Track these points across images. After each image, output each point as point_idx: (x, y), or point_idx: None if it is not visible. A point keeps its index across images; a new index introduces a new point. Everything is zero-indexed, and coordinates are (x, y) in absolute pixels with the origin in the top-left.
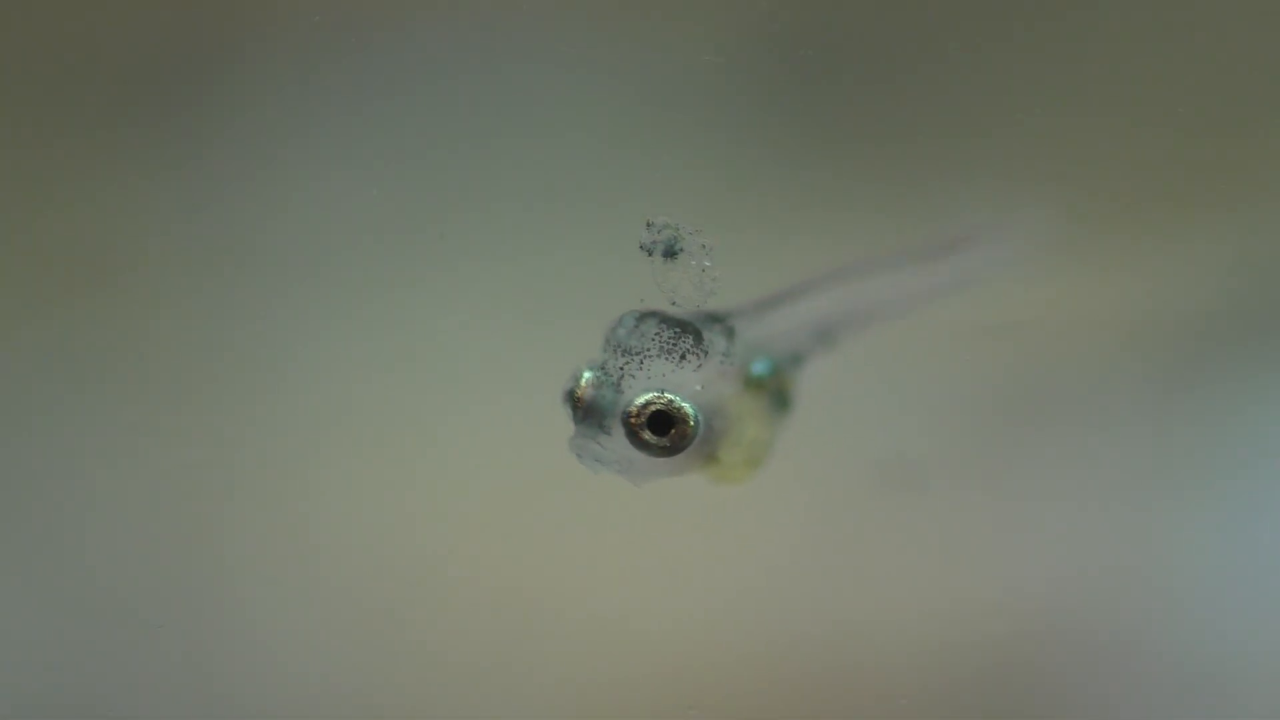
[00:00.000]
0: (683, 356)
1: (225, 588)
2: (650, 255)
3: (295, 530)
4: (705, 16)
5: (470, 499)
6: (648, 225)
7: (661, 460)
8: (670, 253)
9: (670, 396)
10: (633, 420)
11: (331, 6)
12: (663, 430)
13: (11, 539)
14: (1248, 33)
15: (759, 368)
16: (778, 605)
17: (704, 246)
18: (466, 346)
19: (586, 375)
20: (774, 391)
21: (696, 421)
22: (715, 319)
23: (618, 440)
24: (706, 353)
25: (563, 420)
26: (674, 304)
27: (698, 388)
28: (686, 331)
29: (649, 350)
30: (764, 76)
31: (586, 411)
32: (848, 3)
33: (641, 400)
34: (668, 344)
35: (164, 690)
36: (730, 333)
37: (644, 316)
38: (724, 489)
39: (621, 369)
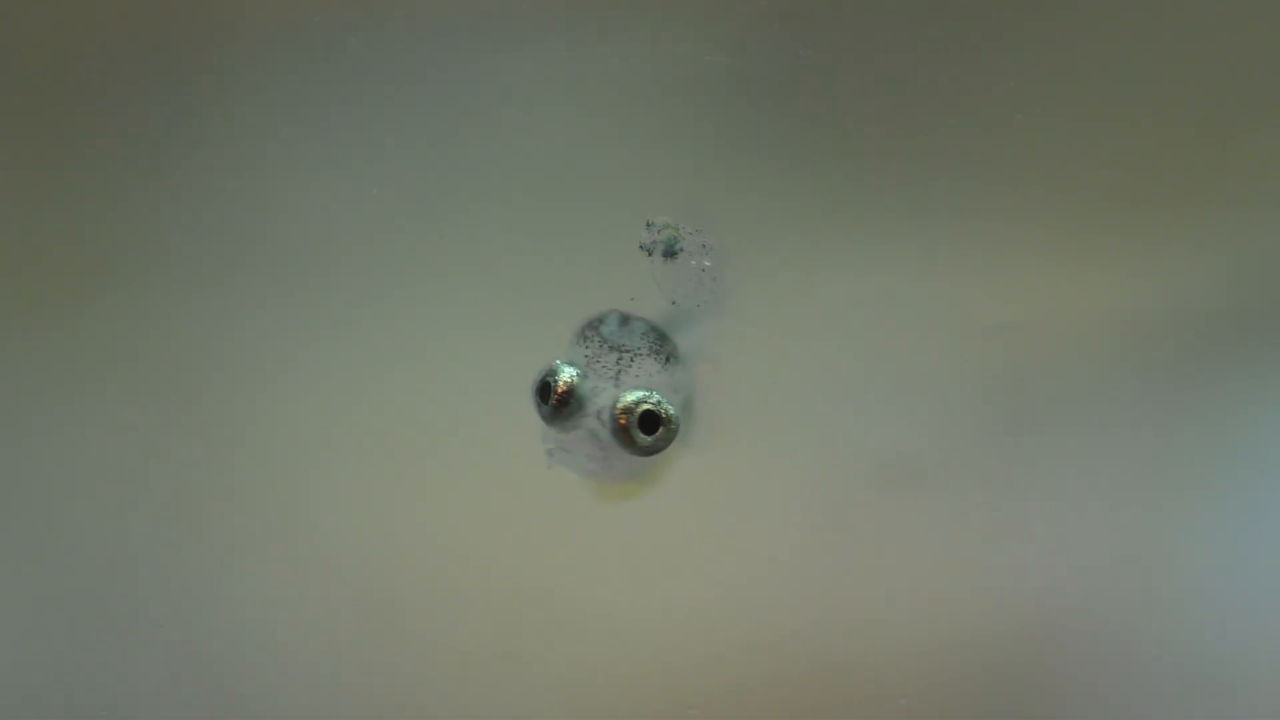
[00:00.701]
0: (668, 359)
1: (224, 588)
2: (650, 255)
3: (294, 530)
4: (705, 16)
5: (468, 498)
6: (648, 225)
7: (640, 461)
8: (670, 253)
9: (658, 397)
10: (623, 418)
11: (326, 2)
12: (651, 430)
13: (9, 539)
14: (1247, 32)
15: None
16: (777, 604)
17: (704, 246)
18: (466, 346)
19: (567, 370)
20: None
21: (677, 423)
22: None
23: (603, 436)
24: (680, 362)
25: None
26: (674, 304)
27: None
28: (667, 340)
29: (640, 349)
30: (764, 76)
31: (572, 405)
32: (848, 3)
33: (632, 398)
34: (655, 345)
35: (163, 691)
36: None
37: (626, 317)
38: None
39: (618, 363)
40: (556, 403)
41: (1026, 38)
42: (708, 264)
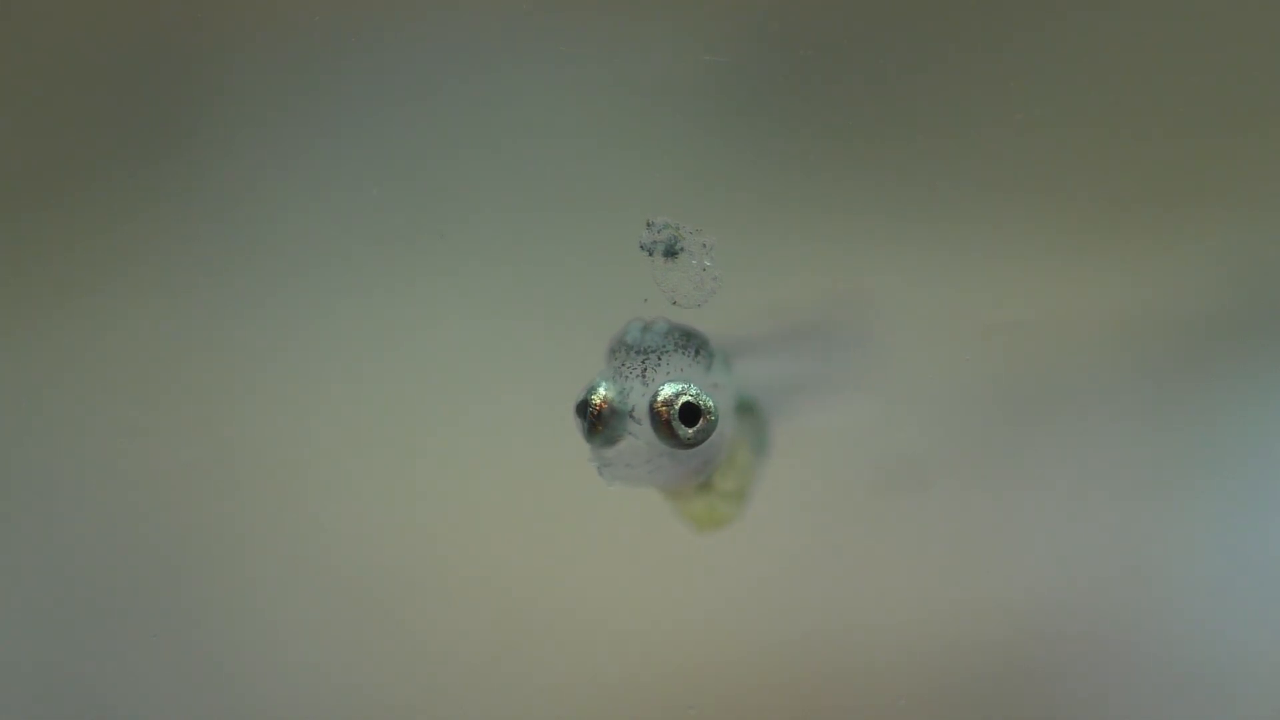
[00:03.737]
0: (696, 352)
1: (221, 591)
2: (651, 255)
3: (294, 533)
4: (704, 17)
5: (470, 500)
6: (648, 225)
7: (689, 459)
8: (670, 252)
9: (695, 389)
10: (664, 411)
11: (332, 7)
12: (692, 421)
13: (9, 540)
14: (1245, 34)
15: (746, 395)
16: (777, 604)
17: (704, 246)
18: (467, 347)
19: (603, 386)
20: (757, 426)
21: (716, 415)
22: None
23: (643, 439)
24: (712, 356)
25: (563, 420)
26: (675, 304)
27: (713, 386)
28: (693, 335)
29: (665, 347)
30: (764, 77)
31: (612, 421)
32: (848, 3)
33: (670, 390)
34: (680, 342)
35: (161, 694)
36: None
37: (646, 324)
38: (712, 528)
39: (643, 363)
40: (592, 418)
41: (1027, 39)
42: (708, 264)
